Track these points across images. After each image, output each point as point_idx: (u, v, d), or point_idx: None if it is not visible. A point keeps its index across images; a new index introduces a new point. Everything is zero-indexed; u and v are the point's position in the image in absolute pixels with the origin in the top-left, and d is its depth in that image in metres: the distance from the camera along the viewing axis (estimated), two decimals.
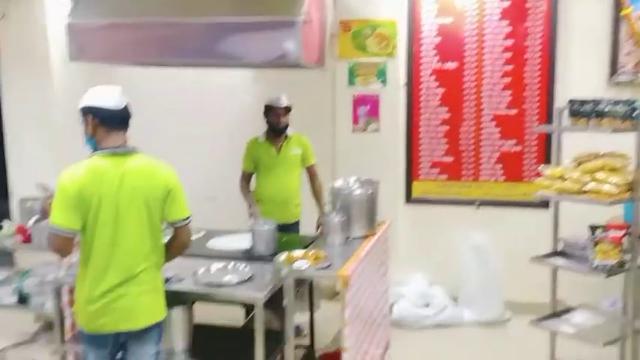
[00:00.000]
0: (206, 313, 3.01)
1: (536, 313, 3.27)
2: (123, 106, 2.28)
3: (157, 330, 2.31)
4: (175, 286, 2.54)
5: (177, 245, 2.39)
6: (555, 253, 3.19)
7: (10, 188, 4.52)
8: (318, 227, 3.88)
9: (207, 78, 4.66)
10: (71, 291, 2.89)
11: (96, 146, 2.24)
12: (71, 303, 2.89)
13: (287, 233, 3.51)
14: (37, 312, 3.65)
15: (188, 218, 2.37)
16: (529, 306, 4.02)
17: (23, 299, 3.49)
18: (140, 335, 2.25)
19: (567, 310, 3.23)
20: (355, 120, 4.51)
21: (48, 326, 3.84)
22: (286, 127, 3.83)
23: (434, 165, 4.54)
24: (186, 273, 2.66)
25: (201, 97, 4.88)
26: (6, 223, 3.81)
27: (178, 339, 2.60)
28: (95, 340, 2.22)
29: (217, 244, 3.29)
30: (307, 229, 3.73)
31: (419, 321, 4.21)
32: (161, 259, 2.36)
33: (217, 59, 3.17)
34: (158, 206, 2.26)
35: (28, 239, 3.56)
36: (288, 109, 3.81)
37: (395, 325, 4.01)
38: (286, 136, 3.87)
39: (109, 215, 2.16)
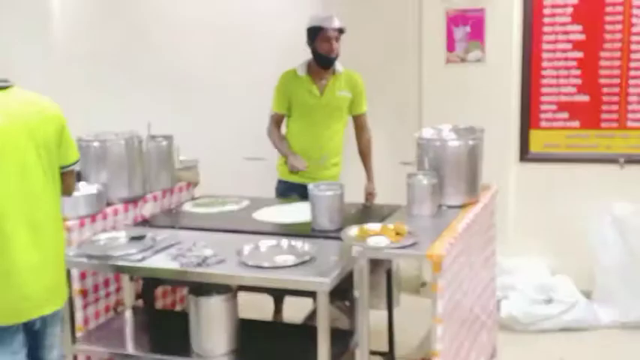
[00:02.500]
0: None
1: None
2: None
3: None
4: (215, 269, 2.66)
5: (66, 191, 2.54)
6: None
7: None
8: (366, 198, 3.93)
9: None
10: (83, 276, 3.10)
11: None
12: (83, 292, 3.10)
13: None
14: None
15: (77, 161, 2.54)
16: None
17: None
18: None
19: None
20: (450, 46, 4.48)
21: None
22: (337, 57, 3.85)
23: (561, 107, 4.46)
24: (228, 252, 2.77)
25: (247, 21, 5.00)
26: None
27: (220, 337, 2.73)
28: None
29: (266, 215, 3.41)
30: (350, 197, 3.75)
31: (536, 322, 4.22)
32: None
33: None
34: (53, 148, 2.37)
35: None
36: (341, 32, 3.81)
37: (503, 328, 4.05)
38: (334, 72, 3.90)
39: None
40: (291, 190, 3.94)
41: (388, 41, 4.59)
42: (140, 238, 2.97)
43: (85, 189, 3.22)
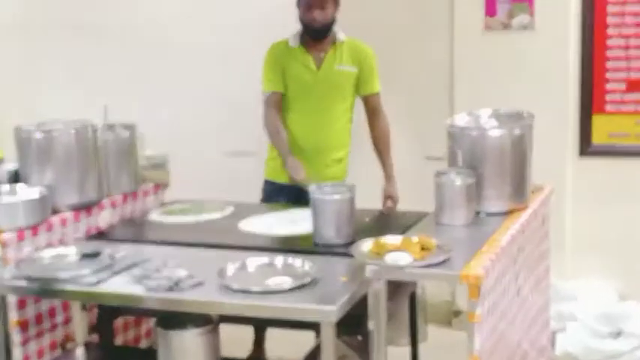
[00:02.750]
0: None
1: None
2: None
3: None
4: (190, 294, 2.64)
5: None
6: None
7: None
8: (384, 203, 3.92)
9: None
10: (22, 303, 3.08)
11: None
12: (23, 325, 3.09)
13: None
14: None
15: None
16: None
17: None
18: None
19: None
20: (490, 10, 4.48)
21: None
22: (328, 26, 3.86)
23: (631, 87, 4.46)
24: (207, 272, 2.76)
25: None
26: None
27: None
28: None
29: (256, 225, 3.40)
30: (363, 202, 3.71)
31: None
32: None
33: None
34: None
35: None
36: None
37: None
38: (334, 42, 3.92)
39: None
40: (280, 194, 3.95)
41: (409, 4, 4.57)
42: (95, 255, 2.96)
43: (24, 193, 3.21)
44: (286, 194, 3.90)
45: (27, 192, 3.22)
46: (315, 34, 3.88)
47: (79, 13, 5.21)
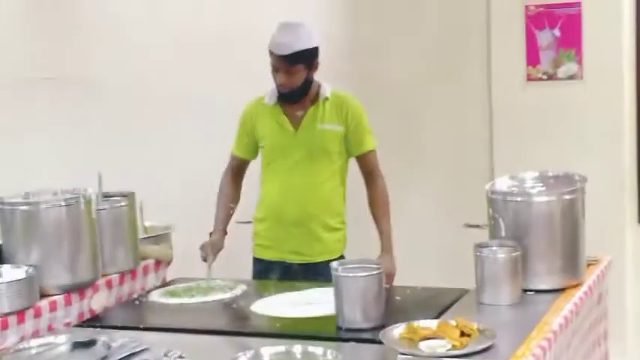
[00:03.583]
0: None
1: None
2: None
3: None
4: None
5: None
6: None
7: None
8: None
9: None
10: None
11: None
12: None
13: (317, 282, 3.61)
14: None
15: None
16: None
17: None
18: None
19: None
20: (533, 58, 4.50)
21: None
22: (299, 92, 3.89)
23: None
24: None
25: None
26: None
27: None
28: None
29: (272, 307, 3.38)
30: None
31: None
32: None
33: None
34: None
35: None
36: (304, 59, 3.83)
37: None
38: (317, 99, 3.95)
39: None
40: (269, 273, 3.98)
41: (442, 52, 4.63)
42: (88, 344, 2.93)
43: (8, 273, 3.20)
44: (276, 272, 3.95)
45: (11, 272, 3.21)
46: (284, 99, 3.92)
47: (63, 67, 5.27)
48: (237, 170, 4.11)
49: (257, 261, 4.10)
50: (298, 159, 3.94)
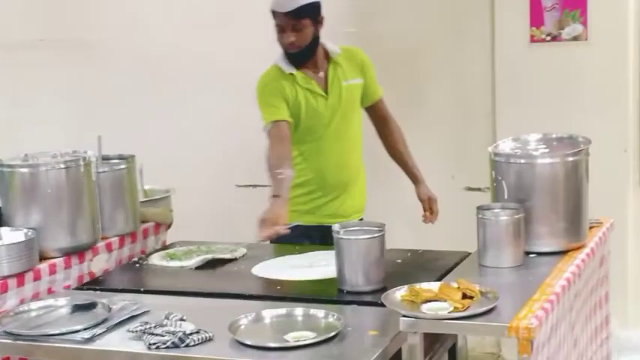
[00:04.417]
0: None
1: None
2: None
3: None
4: (198, 352, 2.61)
5: None
6: None
7: None
8: (425, 211, 3.95)
9: None
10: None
11: None
12: None
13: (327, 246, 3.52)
14: None
15: None
16: None
17: None
18: None
19: None
20: (537, 19, 4.48)
21: None
22: (308, 50, 3.85)
23: None
24: (217, 326, 2.73)
25: None
26: None
27: None
28: None
29: (271, 270, 3.39)
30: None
31: None
32: None
33: None
34: None
35: None
36: (310, 13, 3.78)
37: None
38: (329, 57, 3.93)
39: None
40: (307, 239, 3.89)
41: (444, 13, 4.62)
42: (88, 307, 2.95)
43: (7, 236, 3.21)
44: (310, 236, 3.88)
45: (10, 235, 3.22)
46: (294, 59, 3.86)
47: (67, 32, 5.25)
48: (283, 135, 3.82)
49: (291, 228, 3.81)
50: (335, 122, 3.92)
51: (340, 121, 3.94)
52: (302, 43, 3.82)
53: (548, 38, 4.45)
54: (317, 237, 3.83)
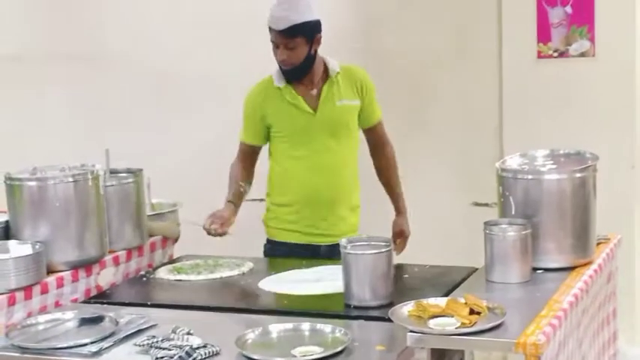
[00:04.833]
0: None
1: None
2: None
3: None
4: None
5: None
6: None
7: None
8: (395, 240, 3.94)
9: None
10: None
11: None
12: None
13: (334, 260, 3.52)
14: None
15: None
16: None
17: None
18: None
19: None
20: (544, 35, 4.49)
21: None
22: (301, 68, 3.84)
23: None
24: (224, 340, 2.73)
25: None
26: None
27: None
28: None
29: (279, 285, 3.40)
30: None
31: None
32: None
33: None
34: None
35: None
36: (304, 32, 3.77)
37: None
38: (327, 74, 3.91)
39: None
40: (286, 256, 3.93)
41: (452, 29, 4.63)
42: (95, 320, 2.95)
43: (15, 249, 3.21)
44: (303, 255, 3.89)
45: (18, 248, 3.22)
46: (287, 75, 3.86)
47: (74, 46, 5.27)
48: (248, 158, 4.02)
49: (271, 243, 4.04)
50: (322, 139, 3.90)
51: (330, 140, 3.91)
52: (295, 60, 3.81)
53: (556, 54, 4.46)
54: (307, 255, 3.84)
